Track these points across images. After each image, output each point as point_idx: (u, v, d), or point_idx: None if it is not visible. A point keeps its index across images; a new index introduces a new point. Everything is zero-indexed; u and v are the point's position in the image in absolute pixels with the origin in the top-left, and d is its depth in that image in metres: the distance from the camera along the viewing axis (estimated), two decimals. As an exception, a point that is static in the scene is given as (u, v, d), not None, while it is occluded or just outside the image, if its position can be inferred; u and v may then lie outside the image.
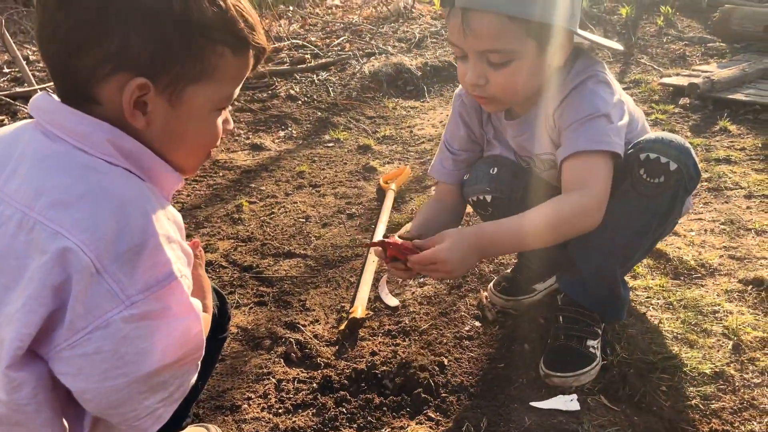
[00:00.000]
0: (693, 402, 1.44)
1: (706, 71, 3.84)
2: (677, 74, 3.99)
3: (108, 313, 0.79)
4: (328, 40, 4.97)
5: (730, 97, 3.48)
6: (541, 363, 1.57)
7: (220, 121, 0.99)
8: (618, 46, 1.58)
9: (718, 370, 1.52)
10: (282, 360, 1.66)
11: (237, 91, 0.99)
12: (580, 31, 1.41)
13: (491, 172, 1.62)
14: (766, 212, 2.28)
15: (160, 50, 0.86)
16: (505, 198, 1.62)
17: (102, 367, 0.80)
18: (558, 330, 1.63)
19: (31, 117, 0.93)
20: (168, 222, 0.87)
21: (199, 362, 0.93)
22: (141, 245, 0.81)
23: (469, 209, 1.77)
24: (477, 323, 1.78)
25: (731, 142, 3.01)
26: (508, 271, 1.92)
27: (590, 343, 1.58)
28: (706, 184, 2.54)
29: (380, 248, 1.42)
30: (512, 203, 1.61)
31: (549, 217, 1.38)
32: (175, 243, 0.86)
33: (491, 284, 1.88)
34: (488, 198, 1.63)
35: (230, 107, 1.04)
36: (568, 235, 1.43)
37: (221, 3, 0.89)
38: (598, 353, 1.58)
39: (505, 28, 1.32)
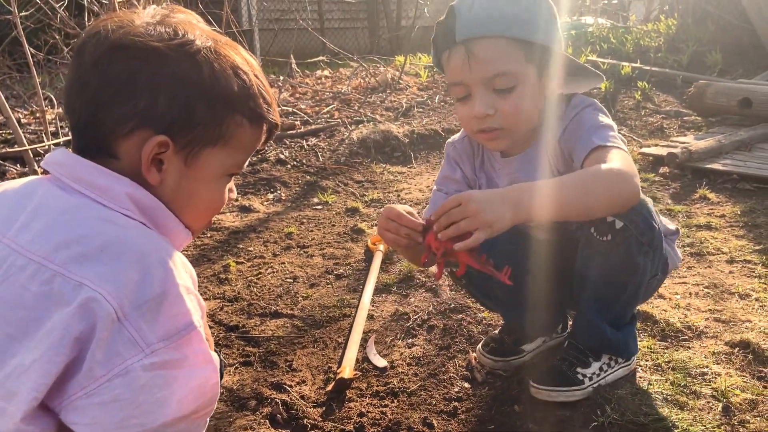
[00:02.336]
0: (685, 464, 1.42)
1: (684, 142, 3.96)
2: (656, 144, 4.11)
3: (128, 361, 0.79)
4: (317, 108, 5.08)
5: (708, 166, 3.59)
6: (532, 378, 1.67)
7: (227, 188, 1.03)
8: (600, 76, 1.62)
9: (709, 432, 1.51)
10: (268, 421, 1.62)
11: (246, 162, 1.04)
12: (569, 56, 1.53)
13: None
14: (748, 277, 2.32)
15: (185, 113, 0.92)
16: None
17: (118, 416, 0.79)
18: (557, 353, 1.72)
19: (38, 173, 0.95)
20: (185, 273, 0.89)
21: (209, 418, 0.92)
22: (162, 295, 0.83)
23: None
24: (466, 384, 1.76)
25: (711, 209, 3.08)
26: (496, 332, 1.92)
27: (579, 369, 1.63)
28: (689, 249, 2.58)
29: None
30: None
31: (588, 177, 1.33)
32: (193, 294, 0.88)
33: (480, 345, 1.87)
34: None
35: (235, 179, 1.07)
36: (609, 201, 1.35)
37: (245, 78, 0.96)
38: (587, 381, 1.63)
39: (509, 50, 1.42)
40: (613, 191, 1.33)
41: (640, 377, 1.73)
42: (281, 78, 6.38)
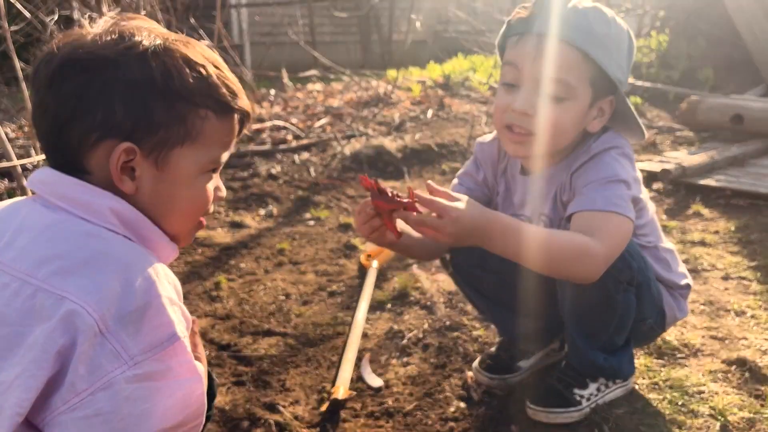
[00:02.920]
0: (685, 486, 1.40)
1: (677, 158, 3.97)
2: (650, 160, 4.12)
3: (110, 374, 0.78)
4: (309, 122, 5.07)
5: (702, 182, 3.59)
6: (528, 399, 1.66)
7: (210, 186, 1.01)
8: (642, 134, 1.58)
9: (708, 453, 1.49)
10: (260, 442, 1.59)
11: (225, 155, 1.02)
12: (626, 100, 1.51)
13: None
14: (743, 293, 2.31)
15: (144, 116, 0.91)
16: (462, 258, 1.71)
17: (102, 430, 0.78)
18: (554, 372, 1.70)
19: (13, 195, 0.96)
20: (169, 285, 0.88)
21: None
22: (144, 306, 0.82)
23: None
24: (462, 404, 1.73)
25: (705, 225, 3.08)
26: (492, 349, 1.90)
27: (576, 390, 1.62)
28: (684, 265, 2.57)
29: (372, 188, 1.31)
30: (470, 266, 1.71)
31: (558, 243, 1.34)
32: (177, 306, 0.88)
33: (476, 362, 1.85)
34: (447, 255, 1.73)
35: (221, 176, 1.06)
36: (563, 270, 1.38)
37: (202, 70, 0.94)
38: (585, 402, 1.62)
39: (578, 63, 1.41)
40: (571, 269, 1.37)
41: (638, 396, 1.71)
42: (273, 92, 6.38)
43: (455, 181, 1.76)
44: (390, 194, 1.27)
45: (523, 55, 1.43)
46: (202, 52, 0.97)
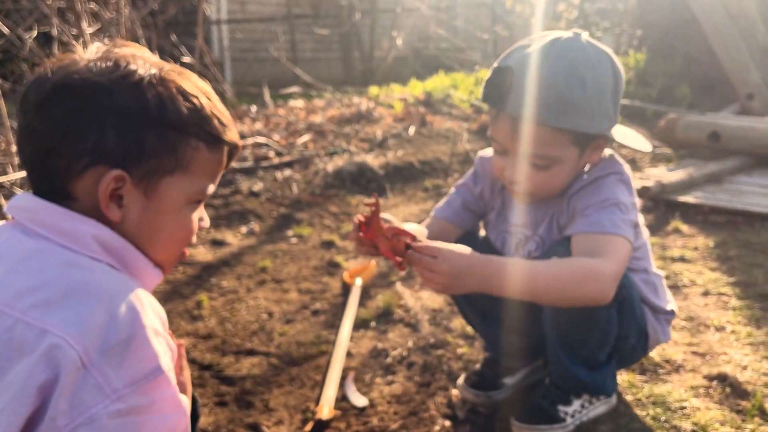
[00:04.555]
0: (670, 504, 1.41)
1: (656, 175, 4.03)
2: (628, 176, 4.17)
3: (93, 408, 0.76)
4: (291, 139, 5.07)
5: (681, 199, 3.64)
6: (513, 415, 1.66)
7: (195, 216, 1.00)
8: (647, 146, 1.59)
9: (692, 470, 1.50)
10: (243, 464, 1.57)
11: (212, 187, 1.01)
12: (617, 137, 1.47)
13: None
14: (723, 309, 2.33)
15: (135, 144, 0.90)
16: None
17: None
18: (538, 390, 1.70)
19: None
20: (154, 315, 0.86)
21: None
22: (129, 339, 0.80)
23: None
24: (447, 422, 1.72)
25: (685, 241, 3.11)
26: (477, 366, 1.89)
27: (561, 407, 1.63)
28: (665, 281, 2.59)
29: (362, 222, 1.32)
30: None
31: (561, 270, 1.34)
32: (162, 337, 0.86)
33: (461, 379, 1.85)
34: None
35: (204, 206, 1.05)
36: (575, 294, 1.36)
37: (195, 101, 0.94)
38: (569, 419, 1.62)
39: (555, 138, 1.40)
40: (582, 292, 1.35)
41: (621, 412, 1.72)
42: (254, 108, 6.37)
43: (452, 190, 1.77)
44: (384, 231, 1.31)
45: (502, 133, 1.46)
46: (195, 83, 0.98)
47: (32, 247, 0.86)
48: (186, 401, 0.90)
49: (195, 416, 1.22)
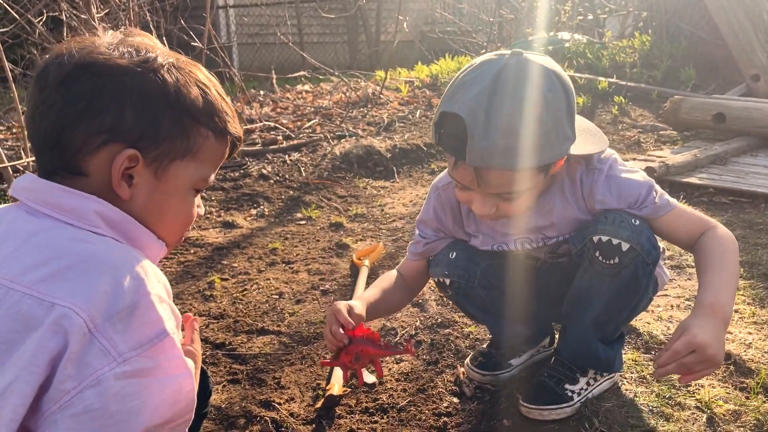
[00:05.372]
0: (673, 475, 1.44)
1: (661, 156, 4.04)
2: (634, 159, 4.18)
3: (99, 371, 0.79)
4: (299, 123, 5.09)
5: (685, 180, 3.66)
6: (521, 396, 1.69)
7: (195, 203, 1.04)
8: (602, 144, 1.55)
9: (694, 443, 1.54)
10: (257, 439, 1.62)
11: (212, 177, 1.06)
12: (574, 152, 1.43)
13: (450, 256, 1.71)
14: (727, 289, 2.36)
15: (152, 126, 0.93)
16: (463, 282, 1.71)
17: (92, 427, 0.79)
18: (544, 369, 1.72)
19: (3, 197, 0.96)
20: (158, 283, 0.89)
21: (187, 428, 0.92)
22: (133, 305, 0.83)
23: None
24: (455, 399, 1.77)
25: (689, 222, 3.13)
26: (484, 346, 1.93)
27: (568, 386, 1.66)
28: (669, 261, 2.62)
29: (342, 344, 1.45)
30: (470, 287, 1.71)
31: (727, 255, 1.46)
32: (166, 303, 0.88)
33: (468, 359, 1.89)
34: (447, 281, 1.72)
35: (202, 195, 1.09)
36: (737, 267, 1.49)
37: (208, 92, 0.99)
38: (576, 397, 1.65)
39: (519, 176, 1.36)
40: (737, 256, 1.50)
41: (626, 389, 1.76)
42: (262, 93, 6.39)
43: (417, 232, 1.75)
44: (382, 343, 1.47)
45: (465, 179, 1.41)
46: (207, 75, 1.02)
47: (37, 225, 0.88)
48: (192, 364, 0.92)
49: (206, 391, 1.26)
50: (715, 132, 4.66)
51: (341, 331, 1.44)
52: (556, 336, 1.95)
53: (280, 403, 1.76)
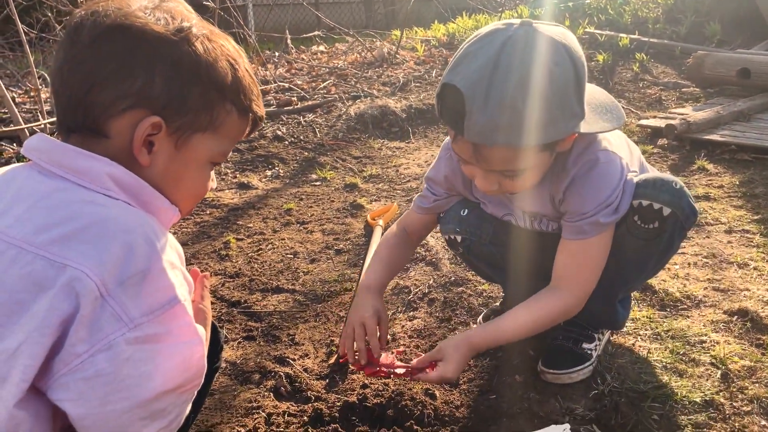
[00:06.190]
0: (685, 430, 1.44)
1: (682, 114, 3.95)
2: (654, 117, 4.10)
3: (110, 336, 0.79)
4: (314, 84, 5.05)
5: (707, 137, 3.58)
6: (540, 362, 1.67)
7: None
8: (615, 120, 1.42)
9: (708, 399, 1.53)
10: (272, 394, 1.64)
11: (230, 152, 1.05)
12: (583, 129, 1.34)
13: (462, 213, 1.69)
14: (746, 246, 2.33)
15: (179, 96, 0.93)
16: (475, 239, 1.70)
17: (103, 391, 0.80)
18: (557, 332, 1.71)
19: (21, 160, 0.95)
20: (171, 249, 0.89)
21: (196, 391, 0.93)
22: (145, 270, 0.83)
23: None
24: (467, 355, 1.77)
25: (709, 180, 3.08)
26: (497, 304, 1.93)
27: (585, 345, 1.66)
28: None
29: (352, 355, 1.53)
30: (481, 244, 1.70)
31: (532, 320, 1.50)
32: (178, 269, 0.88)
33: (480, 317, 1.89)
34: (458, 238, 1.71)
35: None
36: (549, 327, 1.56)
37: (238, 69, 0.99)
38: (594, 354, 1.66)
39: (521, 154, 1.29)
40: (554, 324, 1.56)
41: (640, 346, 1.75)
42: (277, 54, 6.33)
43: (425, 186, 1.73)
44: (387, 368, 1.51)
45: (465, 154, 1.35)
46: (237, 50, 1.01)
47: (50, 186, 0.87)
48: (202, 331, 0.92)
49: (218, 346, 1.27)
50: (740, 88, 4.55)
51: (364, 347, 1.52)
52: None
53: (294, 359, 1.79)
